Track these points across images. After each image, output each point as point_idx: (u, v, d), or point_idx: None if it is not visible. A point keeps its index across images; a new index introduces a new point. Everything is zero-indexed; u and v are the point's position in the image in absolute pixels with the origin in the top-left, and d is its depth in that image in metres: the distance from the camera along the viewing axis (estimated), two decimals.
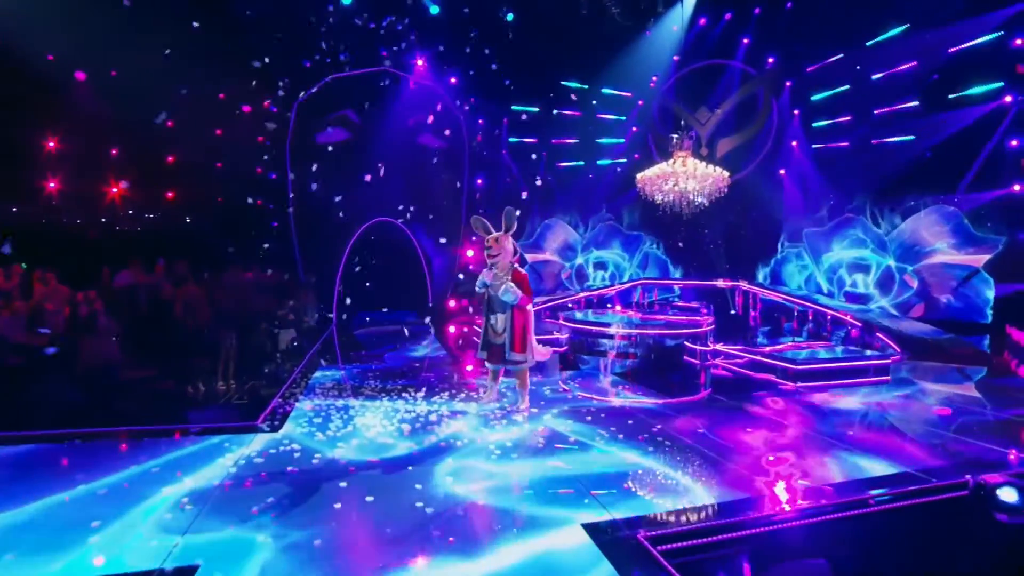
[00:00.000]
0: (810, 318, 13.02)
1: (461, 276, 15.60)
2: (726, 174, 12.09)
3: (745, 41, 15.25)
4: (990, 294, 12.51)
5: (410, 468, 5.30)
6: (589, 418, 6.95)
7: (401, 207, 14.76)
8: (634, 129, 16.68)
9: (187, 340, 9.03)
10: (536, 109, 16.96)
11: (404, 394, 7.85)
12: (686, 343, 10.25)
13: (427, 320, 14.39)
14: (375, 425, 6.48)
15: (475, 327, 13.72)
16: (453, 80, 15.44)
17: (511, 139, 16.99)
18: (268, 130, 13.74)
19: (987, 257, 12.48)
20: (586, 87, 16.81)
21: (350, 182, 14.23)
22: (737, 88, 15.50)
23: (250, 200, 13.58)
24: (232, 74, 12.43)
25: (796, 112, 15.18)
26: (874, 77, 14.00)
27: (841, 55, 14.36)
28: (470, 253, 16.50)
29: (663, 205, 12.76)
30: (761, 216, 15.69)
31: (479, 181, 16.48)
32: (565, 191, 17.41)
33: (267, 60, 12.61)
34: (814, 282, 15.15)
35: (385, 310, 14.43)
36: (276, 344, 9.84)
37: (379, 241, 15.05)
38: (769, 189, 15.60)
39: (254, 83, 13.00)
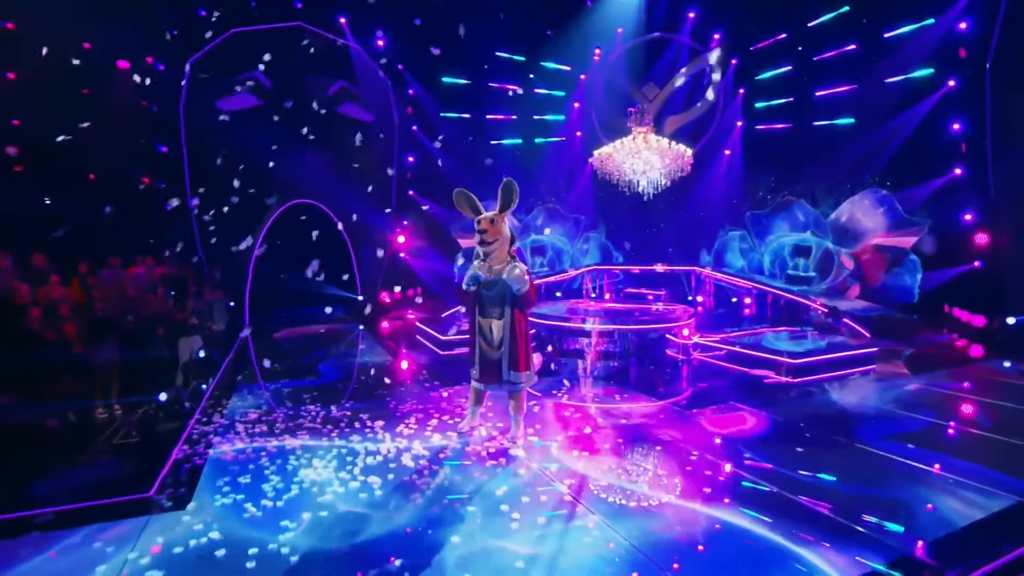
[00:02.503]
0: (769, 303, 12.19)
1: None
2: (688, 151, 10.85)
3: (691, 15, 14.05)
4: (918, 275, 12.28)
5: (401, 563, 3.38)
6: (606, 445, 5.29)
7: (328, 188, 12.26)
8: (576, 105, 15.09)
9: (47, 360, 6.39)
10: (468, 81, 14.95)
11: (357, 423, 5.78)
12: (668, 336, 8.94)
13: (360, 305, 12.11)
14: (332, 481, 4.43)
15: (417, 323, 11.73)
16: (381, 43, 13.04)
17: (442, 114, 14.88)
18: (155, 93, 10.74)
19: (916, 239, 12.20)
20: (523, 59, 15.01)
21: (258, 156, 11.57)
22: (685, 64, 14.31)
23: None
24: (105, 18, 9.41)
25: (741, 91, 14.26)
26: (816, 59, 13.31)
27: (784, 35, 13.54)
28: (401, 239, 14.32)
29: (621, 184, 11.33)
30: (706, 197, 14.71)
31: (411, 159, 14.24)
32: (501, 170, 15.57)
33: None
34: (757, 264, 14.43)
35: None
36: (175, 360, 7.30)
37: (299, 226, 12.48)
38: (714, 170, 14.62)
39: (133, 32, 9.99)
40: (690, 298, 13.30)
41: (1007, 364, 8.77)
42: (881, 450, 5.17)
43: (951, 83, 11.25)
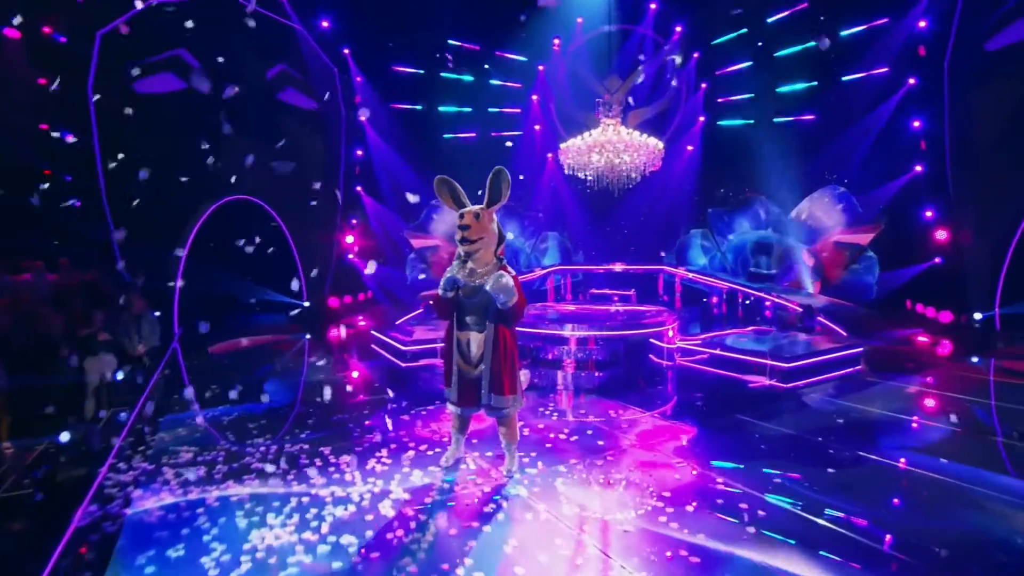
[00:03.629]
0: (740, 301, 11.86)
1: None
2: (660, 145, 10.33)
3: (653, 7, 13.59)
4: (876, 271, 12.34)
5: None
6: (618, 474, 4.52)
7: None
8: (534, 97, 14.35)
9: None
10: (420, 71, 13.96)
11: (319, 460, 4.77)
12: (652, 341, 8.34)
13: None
14: (295, 547, 3.43)
15: (371, 331, 10.63)
16: (326, 24, 11.83)
17: (392, 104, 13.82)
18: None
19: (874, 235, 12.22)
20: (477, 48, 14.14)
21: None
22: (648, 56, 13.84)
23: None
24: None
25: (704, 86, 13.94)
26: (776, 55, 13.16)
27: (745, 29, 13.32)
28: (350, 239, 13.17)
29: (590, 180, 10.68)
30: (668, 194, 14.31)
31: (359, 152, 13.08)
32: (454, 166, 14.62)
33: None
34: (719, 263, 14.17)
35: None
36: (83, 384, 5.99)
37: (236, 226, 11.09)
38: (675, 166, 14.23)
39: None
40: (665, 299, 12.85)
41: (974, 359, 8.75)
42: (908, 464, 4.68)
43: (911, 81, 11.26)
